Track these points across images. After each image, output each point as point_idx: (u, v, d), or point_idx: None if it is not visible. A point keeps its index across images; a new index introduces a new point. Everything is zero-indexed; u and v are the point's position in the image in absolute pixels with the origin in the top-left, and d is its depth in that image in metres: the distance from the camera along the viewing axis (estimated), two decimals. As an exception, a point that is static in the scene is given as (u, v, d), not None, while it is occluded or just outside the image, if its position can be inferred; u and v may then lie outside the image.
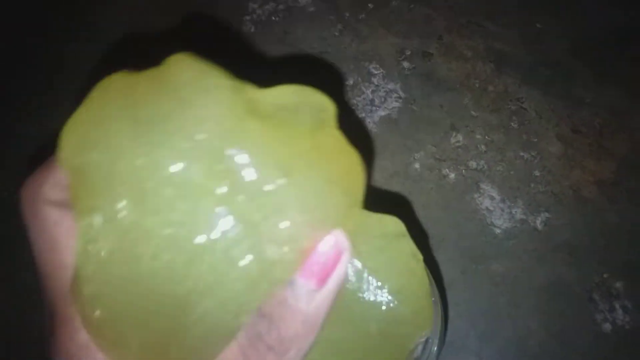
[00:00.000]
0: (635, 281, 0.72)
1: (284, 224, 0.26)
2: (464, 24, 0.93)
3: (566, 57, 0.88)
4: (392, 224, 0.36)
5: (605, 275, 0.73)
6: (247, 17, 1.00)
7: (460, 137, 0.84)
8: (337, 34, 0.95)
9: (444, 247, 0.76)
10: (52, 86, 0.92)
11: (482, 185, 0.80)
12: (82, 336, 0.25)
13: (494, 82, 0.88)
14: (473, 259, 0.75)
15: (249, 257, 0.26)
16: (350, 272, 0.31)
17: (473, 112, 0.86)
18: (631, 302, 0.71)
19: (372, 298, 0.32)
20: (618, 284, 0.72)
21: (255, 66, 0.95)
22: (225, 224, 0.26)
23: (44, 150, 0.29)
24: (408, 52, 0.92)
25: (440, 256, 0.76)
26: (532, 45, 0.90)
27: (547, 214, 0.77)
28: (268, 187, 0.26)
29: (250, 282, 0.26)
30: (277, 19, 0.99)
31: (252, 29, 0.98)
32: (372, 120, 0.87)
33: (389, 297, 0.32)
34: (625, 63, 0.87)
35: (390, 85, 0.89)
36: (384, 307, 0.32)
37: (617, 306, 0.71)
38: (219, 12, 1.00)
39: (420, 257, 0.35)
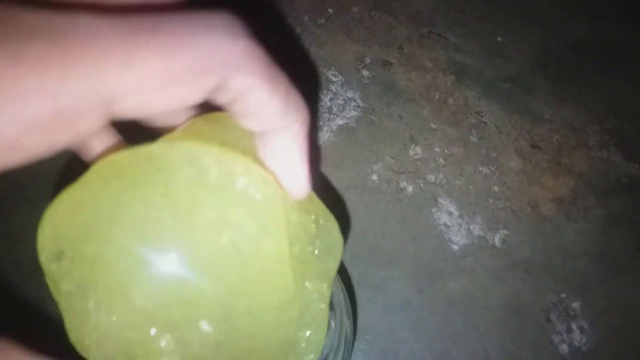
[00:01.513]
0: (591, 301, 0.71)
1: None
2: (425, 34, 0.91)
3: (526, 71, 0.87)
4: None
5: (562, 295, 0.71)
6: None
7: (419, 150, 0.81)
8: (295, 38, 0.91)
9: (401, 262, 0.73)
10: None
11: (441, 200, 0.77)
12: None
13: (454, 95, 0.86)
14: (430, 277, 0.72)
15: None
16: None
17: (432, 125, 0.83)
18: (588, 322, 0.70)
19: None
20: (575, 304, 0.71)
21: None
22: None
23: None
24: (368, 61, 0.89)
25: (395, 272, 0.72)
26: (493, 59, 0.89)
27: (505, 231, 0.75)
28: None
29: None
30: (232, 19, 0.94)
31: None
32: (329, 129, 0.83)
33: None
34: (585, 79, 0.87)
35: (349, 94, 0.86)
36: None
37: (574, 327, 0.69)
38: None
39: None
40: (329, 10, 0.95)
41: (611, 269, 0.73)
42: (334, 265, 0.33)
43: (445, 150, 0.81)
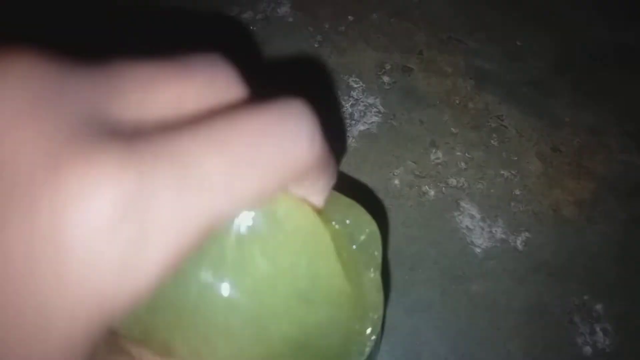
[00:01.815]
0: (615, 303, 0.72)
1: None
2: (445, 40, 0.93)
3: (546, 76, 0.88)
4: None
5: (585, 297, 0.72)
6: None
7: (440, 154, 0.82)
8: (316, 45, 0.93)
9: (424, 266, 0.74)
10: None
11: (462, 204, 0.78)
12: None
13: (474, 99, 0.87)
14: (452, 279, 0.73)
15: None
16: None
17: (453, 129, 0.84)
18: (611, 324, 0.70)
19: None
20: (598, 306, 0.71)
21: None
22: None
23: None
24: (388, 67, 0.90)
25: (419, 276, 0.74)
26: (513, 63, 0.90)
27: (527, 234, 0.76)
28: None
29: None
30: (255, 28, 0.96)
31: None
32: (351, 135, 0.85)
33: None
34: (604, 82, 0.87)
35: (370, 100, 0.88)
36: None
37: (598, 329, 0.70)
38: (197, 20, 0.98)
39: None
40: (349, 17, 0.96)
41: (633, 271, 0.74)
42: (378, 250, 0.33)
43: (467, 154, 0.82)
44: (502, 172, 0.81)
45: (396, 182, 0.81)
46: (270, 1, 0.99)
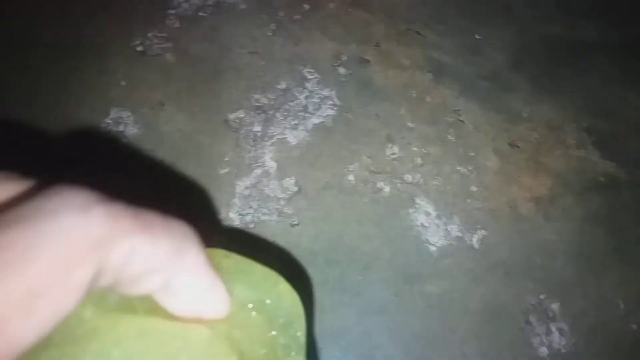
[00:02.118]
0: (570, 302, 0.70)
1: None
2: (403, 31, 0.90)
3: (504, 70, 0.86)
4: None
5: (541, 297, 0.70)
6: (172, 11, 0.92)
7: (396, 149, 0.79)
8: (269, 34, 0.89)
9: (377, 265, 0.71)
10: None
11: (418, 200, 0.76)
12: None
13: (431, 93, 0.84)
14: (407, 279, 0.70)
15: None
16: None
17: (409, 123, 0.81)
18: (567, 324, 0.69)
19: None
20: (554, 306, 0.70)
21: (179, 64, 0.87)
22: None
23: None
24: (344, 58, 0.87)
25: (372, 275, 0.71)
26: (471, 57, 0.87)
27: (483, 232, 0.74)
28: None
29: None
30: (205, 14, 0.91)
31: (177, 24, 0.91)
32: (305, 128, 0.81)
33: None
34: (562, 77, 0.86)
35: (325, 92, 0.84)
36: None
37: (554, 329, 0.68)
38: (142, 3, 0.92)
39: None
40: (305, 6, 0.92)
41: (589, 269, 0.72)
42: (302, 330, 0.30)
43: (423, 149, 0.80)
44: (458, 168, 0.78)
45: (351, 177, 0.77)
46: (222, -13, 0.94)
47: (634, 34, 0.92)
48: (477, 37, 0.88)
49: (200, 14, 0.92)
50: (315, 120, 0.82)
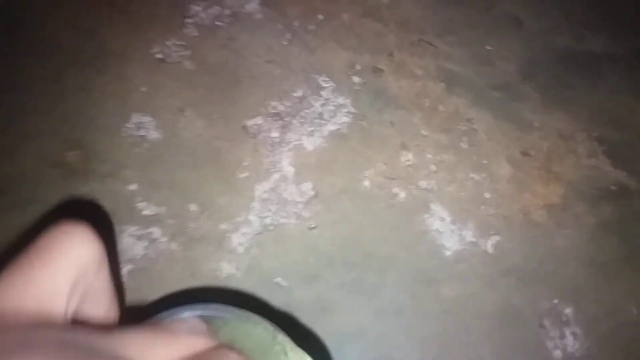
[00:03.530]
0: (584, 307, 0.71)
1: None
2: (415, 42, 0.92)
3: (515, 80, 0.88)
4: None
5: (555, 301, 0.71)
6: (190, 20, 0.94)
7: (410, 156, 0.81)
8: (285, 43, 0.91)
9: (394, 269, 0.72)
10: None
11: (432, 206, 0.77)
12: None
13: (444, 102, 0.86)
14: (423, 283, 0.72)
15: None
16: None
17: (423, 131, 0.83)
18: (581, 328, 0.70)
19: None
20: (568, 310, 0.71)
21: (197, 72, 0.89)
22: None
23: None
24: (358, 67, 0.89)
25: (389, 279, 0.72)
26: (482, 67, 0.89)
27: (497, 237, 0.75)
28: None
29: None
30: (222, 23, 0.93)
31: (195, 33, 0.93)
32: (321, 135, 0.82)
33: None
34: (572, 88, 0.88)
35: (340, 100, 0.86)
36: None
37: (567, 333, 0.70)
38: (160, 12, 0.94)
39: None
40: (319, 16, 0.95)
41: (602, 275, 0.74)
42: None
43: (437, 156, 0.81)
44: (472, 175, 0.80)
45: (366, 183, 0.79)
46: (239, -3, 0.96)
47: (640, 47, 0.94)
48: (487, 48, 0.90)
49: (217, 23, 0.94)
50: (331, 127, 0.84)
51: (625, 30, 0.96)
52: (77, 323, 0.27)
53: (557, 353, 0.67)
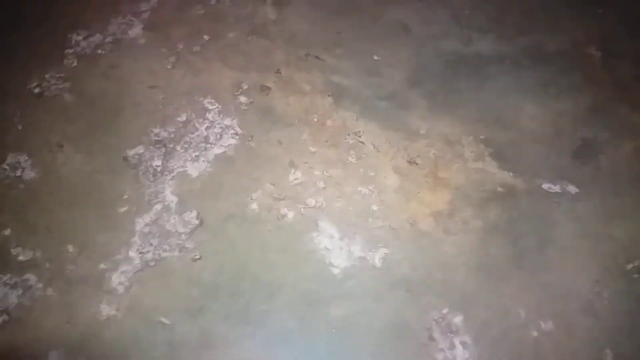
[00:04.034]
0: (473, 314, 0.71)
1: None
2: (302, 57, 0.91)
3: (402, 88, 0.88)
4: None
5: (444, 311, 0.71)
6: (70, 50, 0.91)
7: (299, 174, 0.80)
8: (169, 67, 0.89)
9: (282, 292, 0.71)
10: None
11: (321, 224, 0.76)
12: None
13: (332, 117, 0.85)
14: (311, 304, 0.70)
15: None
16: None
17: (312, 148, 0.82)
18: (471, 337, 0.69)
19: None
20: (457, 319, 0.70)
21: (77, 104, 0.86)
22: None
23: None
24: (245, 86, 0.87)
25: (277, 303, 0.70)
26: (370, 78, 0.89)
27: (385, 250, 0.74)
28: None
29: None
30: (103, 51, 0.90)
31: (75, 63, 0.89)
32: (206, 159, 0.80)
33: None
34: (459, 92, 0.88)
35: (227, 121, 0.84)
36: None
37: (457, 342, 0.69)
38: (39, 45, 0.91)
39: None
40: (204, 37, 0.92)
41: (490, 279, 0.74)
42: None
43: (325, 172, 0.80)
44: (359, 188, 0.79)
45: (254, 206, 0.77)
46: (121, 23, 0.93)
47: (526, 45, 0.95)
48: (375, 58, 0.90)
49: (99, 51, 0.91)
50: (217, 150, 0.82)
51: (511, 30, 0.97)
52: None
53: (447, 364, 0.67)
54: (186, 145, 0.82)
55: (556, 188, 0.81)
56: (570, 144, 0.85)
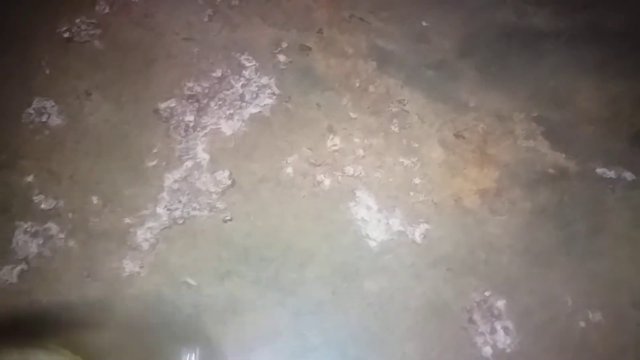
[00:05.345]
0: (516, 298, 0.67)
1: None
2: (346, 18, 0.85)
3: (451, 58, 0.83)
4: None
5: (486, 293, 0.67)
6: (103, -4, 0.86)
7: (337, 140, 0.75)
8: (205, 19, 0.84)
9: (314, 263, 0.67)
10: None
11: (359, 193, 0.72)
12: None
13: (375, 82, 0.80)
14: (345, 277, 0.66)
15: None
16: None
17: (352, 114, 0.77)
18: (513, 322, 0.65)
19: None
20: (499, 303, 0.66)
21: (107, 52, 0.81)
22: None
23: None
24: (285, 45, 0.82)
25: (309, 273, 0.66)
26: (417, 44, 0.84)
27: (426, 225, 0.70)
28: None
29: None
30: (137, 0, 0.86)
31: (107, 10, 0.85)
32: (241, 118, 0.76)
33: None
34: (511, 66, 0.83)
35: (264, 80, 0.79)
36: None
37: (499, 327, 0.65)
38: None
39: None
40: (244, -9, 0.88)
41: (536, 264, 0.69)
42: None
43: (365, 140, 0.76)
44: (401, 159, 0.74)
45: (289, 170, 0.73)
46: (157, -29, 0.88)
47: (585, 21, 0.89)
48: (424, 24, 0.85)
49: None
50: (253, 109, 0.77)
51: (569, 4, 0.91)
52: None
53: (487, 350, 0.63)
54: (220, 102, 0.77)
55: (611, 173, 0.76)
56: (627, 129, 0.80)
